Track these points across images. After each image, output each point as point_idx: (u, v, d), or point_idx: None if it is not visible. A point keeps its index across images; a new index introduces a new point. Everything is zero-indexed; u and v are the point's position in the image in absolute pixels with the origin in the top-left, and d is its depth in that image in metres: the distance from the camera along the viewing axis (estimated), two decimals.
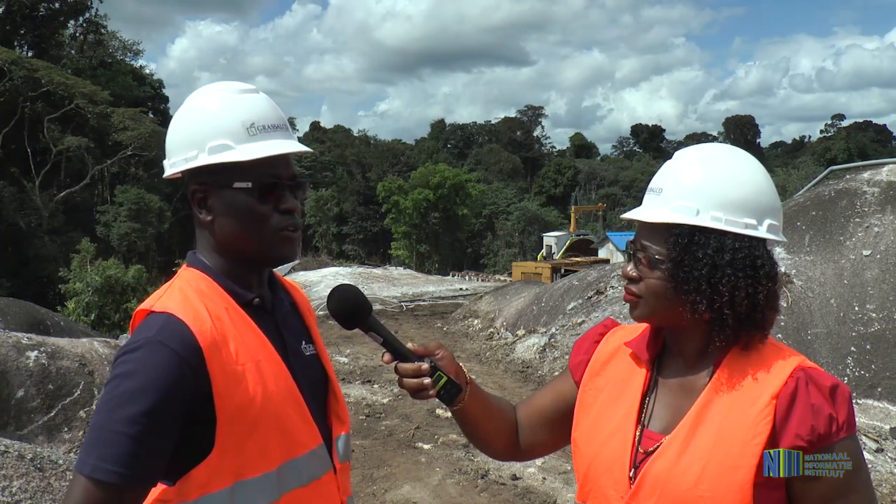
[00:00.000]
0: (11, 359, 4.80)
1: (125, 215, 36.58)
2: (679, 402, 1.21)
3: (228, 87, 1.28)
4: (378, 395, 7.04)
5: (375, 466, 5.08)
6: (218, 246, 1.28)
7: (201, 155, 1.23)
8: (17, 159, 36.63)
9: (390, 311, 13.64)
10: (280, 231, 1.27)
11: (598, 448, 1.26)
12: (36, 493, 3.17)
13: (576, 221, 44.98)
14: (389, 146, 72.08)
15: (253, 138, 1.23)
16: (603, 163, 77.45)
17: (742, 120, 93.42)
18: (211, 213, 1.26)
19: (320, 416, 1.33)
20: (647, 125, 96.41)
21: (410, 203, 46.12)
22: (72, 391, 4.91)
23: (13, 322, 7.15)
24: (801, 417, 1.10)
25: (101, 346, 5.65)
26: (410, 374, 1.30)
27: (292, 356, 1.30)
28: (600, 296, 9.42)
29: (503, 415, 1.44)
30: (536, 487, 4.77)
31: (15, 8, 38.10)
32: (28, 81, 34.51)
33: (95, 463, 1.07)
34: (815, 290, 6.72)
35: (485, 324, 11.01)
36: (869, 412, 5.72)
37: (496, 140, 78.93)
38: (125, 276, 17.87)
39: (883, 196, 7.25)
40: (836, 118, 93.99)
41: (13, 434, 4.44)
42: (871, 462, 4.99)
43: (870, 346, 6.16)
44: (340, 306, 1.31)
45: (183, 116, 1.29)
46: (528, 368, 8.43)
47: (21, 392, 4.70)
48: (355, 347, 9.01)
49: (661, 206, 1.20)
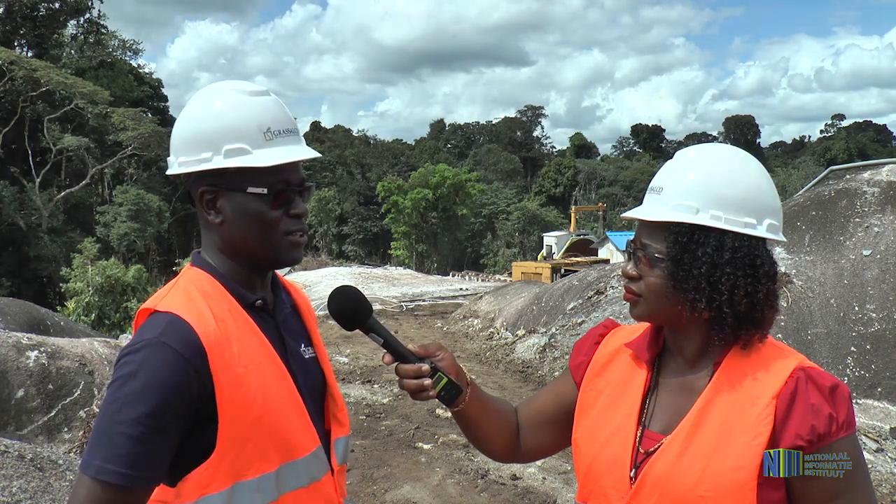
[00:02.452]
0: (11, 359, 4.80)
1: (125, 215, 36.58)
2: (679, 402, 1.21)
3: (240, 88, 1.27)
4: (378, 395, 7.04)
5: (375, 466, 5.08)
6: (225, 248, 1.28)
7: (216, 157, 1.22)
8: (17, 159, 36.65)
9: (390, 311, 13.64)
10: (289, 235, 1.27)
11: (598, 448, 1.26)
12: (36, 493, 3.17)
13: (576, 221, 44.97)
14: (389, 146, 72.08)
15: (269, 143, 1.23)
16: (603, 163, 77.45)
17: (742, 120, 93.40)
18: (220, 215, 1.25)
19: (318, 419, 1.33)
20: (647, 125, 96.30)
21: (409, 203, 46.11)
22: (72, 391, 4.91)
23: (13, 322, 7.15)
24: (801, 417, 1.10)
25: (101, 346, 5.65)
26: (411, 375, 1.30)
27: (292, 359, 1.31)
28: (600, 296, 9.42)
29: (503, 416, 1.44)
30: (536, 487, 4.77)
31: (15, 8, 38.10)
32: (28, 81, 34.53)
33: (100, 464, 1.07)
34: (815, 290, 6.72)
35: (485, 324, 11.01)
36: (869, 412, 5.72)
37: (496, 140, 78.93)
38: (125, 275, 17.88)
39: (883, 196, 7.25)
40: (836, 118, 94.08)
41: (13, 434, 4.44)
42: (871, 462, 4.99)
43: (870, 346, 6.16)
44: (341, 308, 1.31)
45: (194, 115, 1.27)
46: (528, 368, 8.43)
47: (21, 392, 4.70)
48: (355, 347, 9.01)
49: (661, 204, 1.20)
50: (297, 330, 1.39)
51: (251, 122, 1.23)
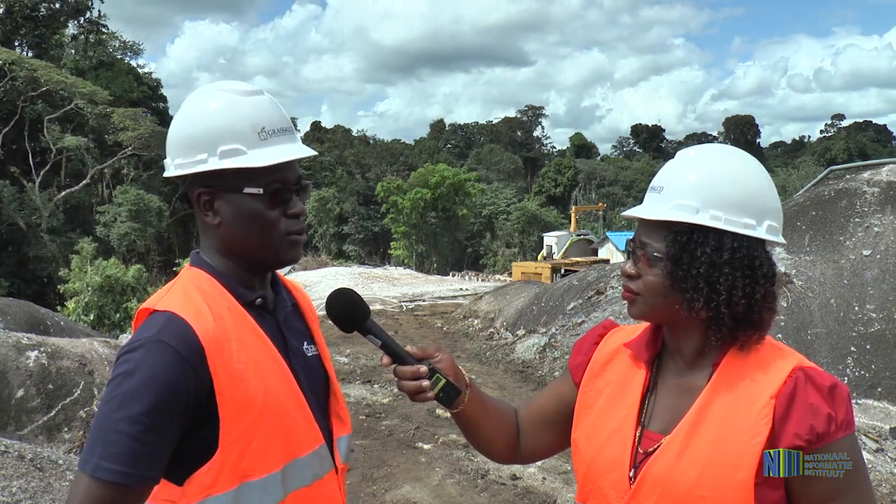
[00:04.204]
0: (11, 359, 4.80)
1: (125, 215, 36.59)
2: (679, 402, 1.21)
3: (233, 88, 1.27)
4: (378, 395, 7.04)
5: (375, 466, 5.08)
6: (224, 249, 1.28)
7: (212, 158, 1.22)
8: (17, 159, 36.66)
9: (390, 311, 13.63)
10: (288, 235, 1.27)
11: (598, 448, 1.26)
12: (36, 493, 3.18)
13: (576, 221, 44.96)
14: (388, 146, 72.07)
15: (264, 143, 1.23)
16: (603, 163, 77.36)
17: (742, 120, 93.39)
18: (218, 217, 1.26)
19: (321, 417, 1.33)
20: (647, 125, 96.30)
21: (408, 203, 46.09)
22: (72, 391, 4.91)
23: (13, 322, 7.15)
24: (800, 417, 1.10)
25: (101, 346, 5.65)
26: (409, 376, 1.30)
27: (294, 356, 1.30)
28: (600, 296, 9.42)
29: (503, 417, 1.44)
30: (536, 487, 4.77)
31: (16, 8, 38.12)
32: (28, 81, 34.53)
33: (98, 462, 1.07)
34: (815, 290, 6.72)
35: (485, 324, 11.01)
36: (869, 412, 5.72)
37: (496, 140, 78.91)
38: (125, 275, 17.90)
39: (883, 196, 7.25)
40: (836, 118, 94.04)
41: (13, 434, 4.44)
42: (871, 462, 4.99)
43: (870, 346, 6.16)
44: (339, 311, 1.32)
45: (188, 117, 1.27)
46: (528, 368, 8.43)
47: (21, 392, 4.70)
48: (355, 347, 9.01)
49: (661, 203, 1.20)
50: (299, 328, 1.39)
51: (246, 122, 1.23)
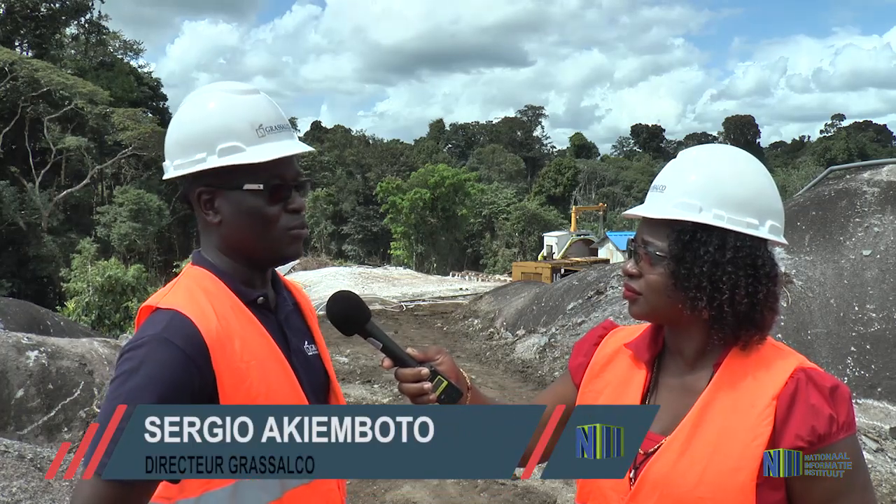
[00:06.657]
0: (11, 359, 4.80)
1: (125, 215, 36.59)
2: (679, 403, 1.21)
3: (229, 88, 1.28)
4: (378, 395, 7.04)
5: None
6: (226, 247, 1.29)
7: (211, 157, 1.23)
8: (17, 159, 36.63)
9: (390, 312, 13.63)
10: (289, 231, 1.28)
11: None
12: (36, 493, 3.18)
13: (576, 221, 44.94)
14: (388, 146, 72.04)
15: (262, 140, 1.24)
16: (603, 163, 77.32)
17: (742, 120, 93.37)
18: (219, 215, 1.26)
19: None
20: (647, 125, 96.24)
21: (408, 203, 46.08)
22: (72, 391, 4.91)
23: (13, 322, 7.15)
24: (801, 418, 1.09)
25: (101, 346, 5.65)
26: (410, 379, 1.30)
27: (295, 355, 1.31)
28: (600, 296, 9.42)
29: None
30: (536, 487, 4.77)
31: (16, 8, 38.09)
32: (28, 82, 34.50)
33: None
34: (815, 290, 6.72)
35: (485, 324, 11.01)
36: (869, 412, 5.72)
37: (497, 140, 78.90)
38: (125, 275, 17.89)
39: (883, 196, 7.25)
40: (836, 118, 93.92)
41: (13, 434, 4.44)
42: (871, 462, 4.99)
43: (870, 346, 6.16)
44: (339, 313, 1.31)
45: (186, 118, 1.28)
46: (528, 368, 8.43)
47: (21, 392, 4.70)
48: (355, 347, 9.01)
49: (664, 202, 1.20)
50: (300, 327, 1.39)
51: (243, 120, 1.24)
